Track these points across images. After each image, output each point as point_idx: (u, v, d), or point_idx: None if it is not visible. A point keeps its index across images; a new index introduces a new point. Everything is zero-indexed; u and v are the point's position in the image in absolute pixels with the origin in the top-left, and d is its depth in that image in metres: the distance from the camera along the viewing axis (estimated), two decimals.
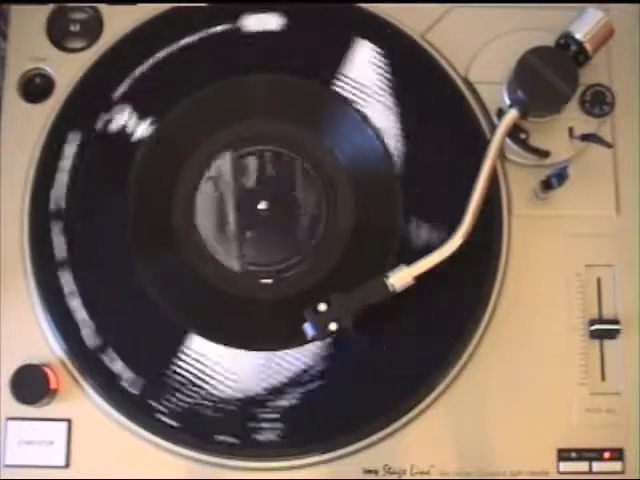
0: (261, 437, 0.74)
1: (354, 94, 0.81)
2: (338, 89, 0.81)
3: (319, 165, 0.81)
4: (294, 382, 0.75)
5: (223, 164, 0.81)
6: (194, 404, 0.75)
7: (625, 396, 0.77)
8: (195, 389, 0.75)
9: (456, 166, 0.79)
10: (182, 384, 0.75)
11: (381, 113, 0.80)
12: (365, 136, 0.80)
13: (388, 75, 0.81)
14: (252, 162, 0.81)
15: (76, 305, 0.77)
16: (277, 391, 0.75)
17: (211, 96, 0.81)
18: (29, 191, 0.79)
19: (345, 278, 0.75)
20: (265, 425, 0.75)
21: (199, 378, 0.76)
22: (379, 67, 0.81)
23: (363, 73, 0.81)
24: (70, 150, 0.79)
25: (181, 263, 0.79)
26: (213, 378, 0.76)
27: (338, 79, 0.81)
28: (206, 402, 0.75)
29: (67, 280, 0.77)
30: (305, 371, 0.76)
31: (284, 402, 0.75)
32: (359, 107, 0.81)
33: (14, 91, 0.81)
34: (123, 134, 0.80)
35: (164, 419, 0.75)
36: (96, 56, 0.82)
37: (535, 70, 0.76)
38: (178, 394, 0.75)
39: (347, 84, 0.81)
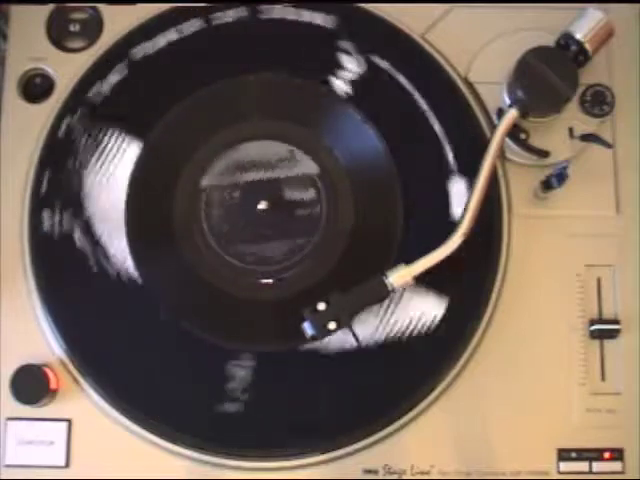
0: None
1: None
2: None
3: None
4: None
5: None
6: None
7: (625, 396, 0.77)
8: None
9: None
10: None
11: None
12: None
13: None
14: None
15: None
16: None
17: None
18: (29, 191, 0.79)
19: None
20: None
21: None
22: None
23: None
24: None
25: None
26: None
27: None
28: None
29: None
30: None
31: None
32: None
33: (14, 91, 0.81)
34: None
35: None
36: (96, 56, 0.82)
37: (535, 70, 0.76)
38: None
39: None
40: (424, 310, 0.76)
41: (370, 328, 0.76)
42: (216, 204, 0.80)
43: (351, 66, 0.81)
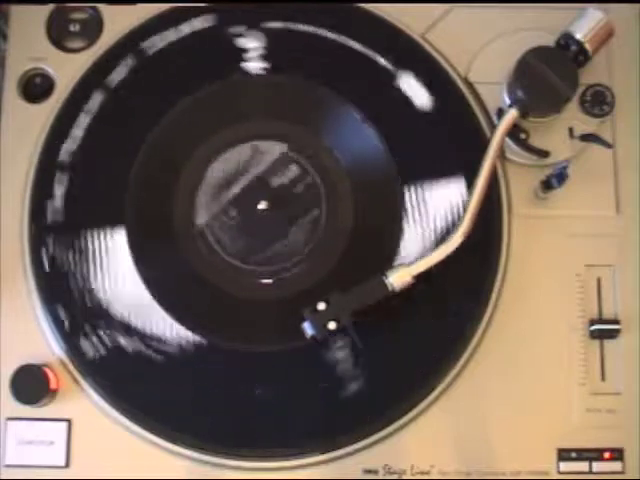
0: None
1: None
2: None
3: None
4: None
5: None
6: None
7: (625, 396, 0.77)
8: None
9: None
10: None
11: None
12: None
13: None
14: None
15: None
16: None
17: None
18: (29, 191, 0.79)
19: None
20: None
21: None
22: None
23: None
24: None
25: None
26: None
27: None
28: None
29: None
30: None
31: None
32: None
33: (14, 91, 0.81)
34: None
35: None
36: (96, 56, 0.82)
37: (535, 70, 0.76)
38: None
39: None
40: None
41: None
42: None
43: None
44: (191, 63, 0.82)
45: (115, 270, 0.78)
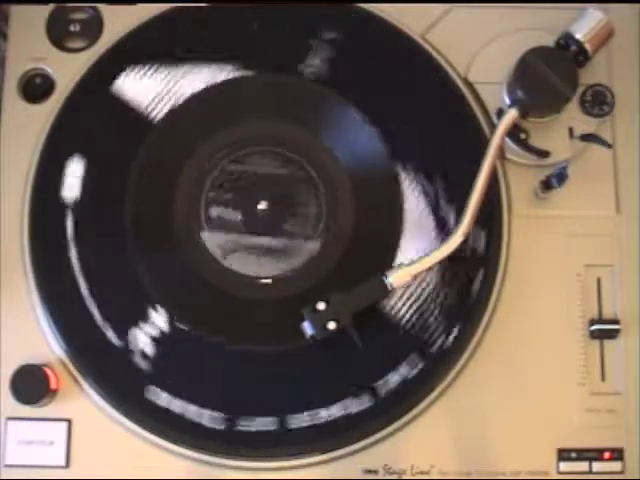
0: None
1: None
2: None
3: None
4: None
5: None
6: None
7: (625, 396, 0.77)
8: None
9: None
10: None
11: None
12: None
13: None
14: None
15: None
16: None
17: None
18: (29, 191, 0.79)
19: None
20: None
21: None
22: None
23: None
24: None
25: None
26: None
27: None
28: None
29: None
30: None
31: None
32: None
33: (14, 91, 0.81)
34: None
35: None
36: (96, 56, 0.82)
37: (535, 70, 0.76)
38: None
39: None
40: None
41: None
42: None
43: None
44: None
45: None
